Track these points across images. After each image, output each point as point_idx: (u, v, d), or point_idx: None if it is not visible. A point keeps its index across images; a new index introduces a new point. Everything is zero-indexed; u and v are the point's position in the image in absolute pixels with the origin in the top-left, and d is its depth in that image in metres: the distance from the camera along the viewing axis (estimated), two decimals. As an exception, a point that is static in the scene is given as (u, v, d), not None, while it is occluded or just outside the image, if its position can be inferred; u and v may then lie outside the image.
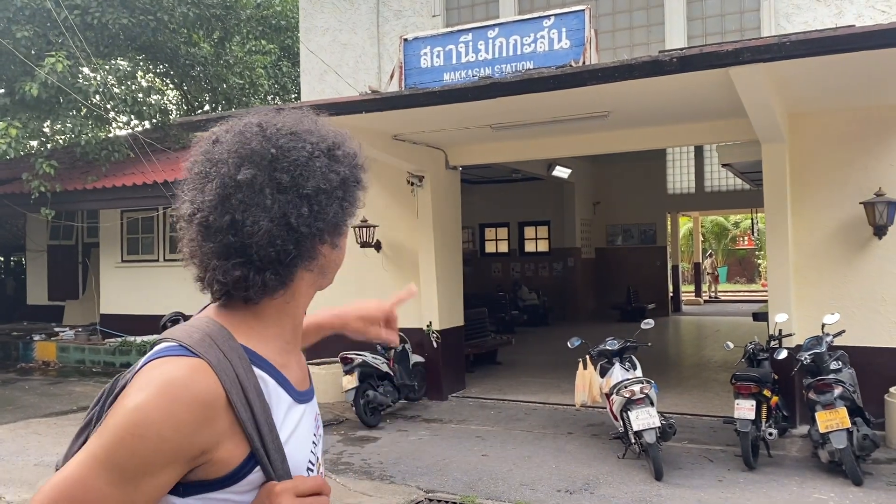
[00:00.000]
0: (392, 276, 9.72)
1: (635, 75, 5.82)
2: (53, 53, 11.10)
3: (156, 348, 1.13)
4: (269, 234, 1.12)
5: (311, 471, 1.22)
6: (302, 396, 1.24)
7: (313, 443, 1.25)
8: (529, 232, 18.70)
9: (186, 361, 1.08)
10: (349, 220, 1.25)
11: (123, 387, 1.11)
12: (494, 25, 7.47)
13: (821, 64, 5.74)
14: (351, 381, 8.03)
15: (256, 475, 1.12)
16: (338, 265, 1.29)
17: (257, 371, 1.15)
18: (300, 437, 1.20)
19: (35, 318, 15.65)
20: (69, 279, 15.74)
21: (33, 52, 11.81)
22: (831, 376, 6.04)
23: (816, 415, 5.86)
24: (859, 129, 7.42)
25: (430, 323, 9.20)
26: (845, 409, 5.78)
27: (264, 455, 1.11)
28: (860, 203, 7.25)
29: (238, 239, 1.12)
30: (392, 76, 8.07)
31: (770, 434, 6.37)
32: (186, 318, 1.27)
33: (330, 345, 9.46)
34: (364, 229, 9.48)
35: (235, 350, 1.13)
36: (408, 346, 8.86)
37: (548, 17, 7.16)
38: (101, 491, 1.04)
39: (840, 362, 6.30)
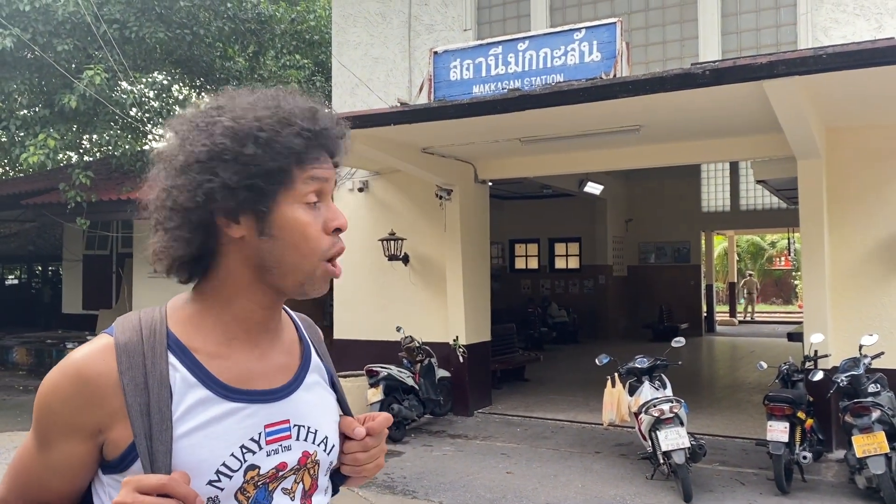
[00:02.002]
0: (419, 290, 9.69)
1: (667, 88, 5.74)
2: (92, 66, 11.32)
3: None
4: (165, 209, 1.12)
5: (228, 477, 1.10)
6: (238, 394, 1.14)
7: (245, 448, 1.12)
8: (560, 248, 18.55)
9: (98, 341, 1.12)
10: (254, 198, 1.09)
11: None
12: (524, 38, 7.44)
13: (858, 77, 5.59)
14: (376, 395, 7.98)
15: (138, 465, 1.07)
16: (283, 260, 1.13)
17: (171, 358, 1.11)
18: (212, 434, 1.10)
19: (69, 327, 15.90)
20: (103, 288, 15.97)
21: (73, 65, 12.06)
22: (869, 399, 5.84)
23: (853, 439, 5.66)
24: (899, 145, 7.23)
25: (457, 337, 9.13)
26: (884, 433, 5.58)
27: (145, 444, 1.06)
28: (900, 221, 7.04)
29: (150, 213, 1.15)
30: (421, 89, 8.07)
31: (804, 458, 6.16)
32: None
33: (356, 357, 9.43)
34: (392, 242, 9.46)
35: (157, 334, 1.13)
36: (434, 360, 8.79)
37: (578, 29, 7.10)
38: (31, 453, 1.15)
39: (878, 385, 6.09)
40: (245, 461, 1.12)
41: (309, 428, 1.20)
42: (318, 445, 1.21)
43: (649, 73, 6.12)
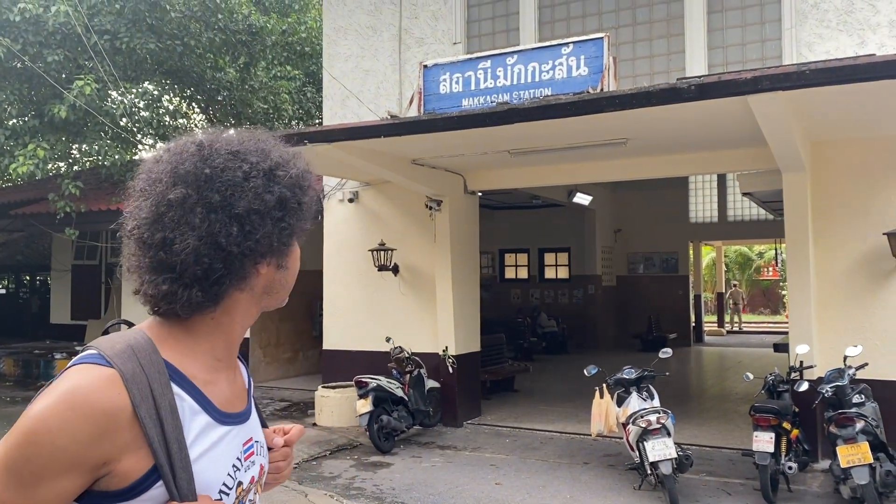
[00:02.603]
0: (409, 300, 9.72)
1: (653, 102, 5.81)
2: (82, 77, 11.33)
3: (78, 356, 1.14)
4: (195, 252, 1.14)
5: (227, 494, 1.18)
6: (227, 418, 1.22)
7: (234, 466, 1.21)
8: (549, 258, 18.63)
9: (98, 371, 1.09)
10: (291, 241, 1.25)
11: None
12: (513, 52, 7.51)
13: (841, 93, 5.69)
14: (365, 406, 7.99)
15: (158, 491, 1.10)
16: (286, 286, 1.30)
17: (175, 388, 1.14)
18: (215, 457, 1.17)
19: (58, 337, 15.83)
20: (92, 299, 15.92)
21: (63, 75, 12.06)
22: (853, 410, 5.90)
23: (838, 449, 5.72)
24: (881, 158, 7.34)
25: (447, 348, 9.15)
26: (868, 444, 5.64)
27: (169, 472, 1.10)
28: (883, 234, 7.14)
29: (168, 256, 1.14)
30: (411, 101, 8.13)
31: (790, 468, 6.22)
32: (132, 325, 1.26)
33: (345, 368, 9.43)
34: (382, 252, 9.50)
35: (156, 364, 1.13)
36: (423, 371, 8.81)
37: (566, 44, 7.18)
38: (1, 495, 1.05)
39: (863, 396, 6.16)
40: (235, 478, 1.22)
41: (260, 442, 1.33)
42: (264, 457, 1.35)
43: (636, 88, 6.20)
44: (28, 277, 20.59)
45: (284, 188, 1.21)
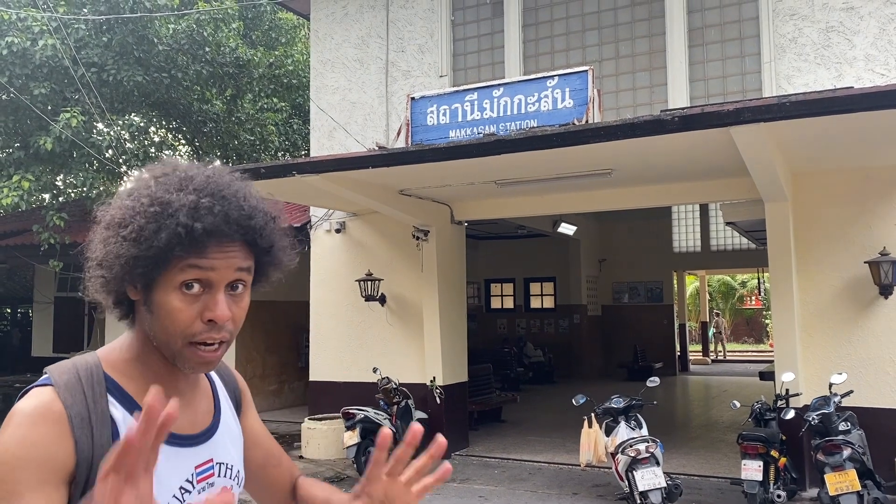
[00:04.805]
0: (396, 330, 9.70)
1: (637, 133, 5.91)
2: (69, 109, 11.34)
3: (37, 381, 1.20)
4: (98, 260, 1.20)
5: None
6: (179, 440, 1.23)
7: (182, 489, 1.21)
8: (535, 288, 18.68)
9: (40, 389, 1.15)
10: (139, 274, 1.16)
11: None
12: (499, 85, 7.63)
13: (821, 124, 5.82)
14: (352, 438, 7.94)
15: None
16: (156, 334, 1.20)
17: (111, 399, 1.18)
18: (155, 478, 1.13)
19: (39, 370, 15.48)
20: (75, 331, 15.73)
21: (49, 107, 12.07)
22: (840, 437, 5.94)
23: (826, 477, 5.75)
24: (862, 188, 7.47)
25: (434, 378, 9.13)
26: (855, 471, 5.67)
27: (86, 474, 1.11)
28: (865, 262, 7.24)
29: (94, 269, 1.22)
30: (399, 133, 8.21)
31: (778, 496, 6.24)
32: None
33: (332, 400, 9.35)
34: (369, 283, 9.50)
35: (95, 376, 1.18)
36: (411, 401, 8.76)
37: (551, 77, 7.31)
38: None
39: (849, 423, 6.20)
40: (184, 501, 1.21)
41: (226, 464, 1.32)
42: (233, 480, 1.33)
43: (620, 120, 6.31)
44: (9, 310, 20.33)
45: (120, 211, 1.22)
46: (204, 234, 1.15)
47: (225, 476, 1.31)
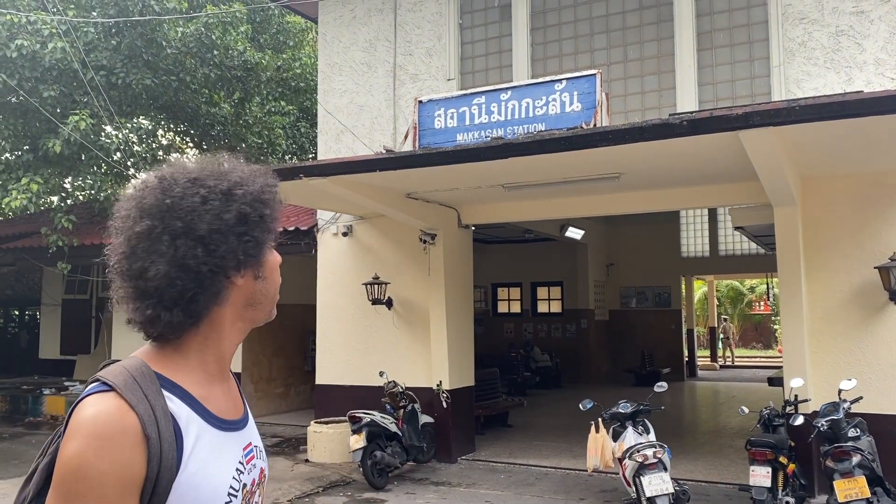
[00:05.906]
0: (403, 334, 9.69)
1: (646, 137, 5.89)
2: (77, 112, 11.39)
3: (85, 389, 1.21)
4: (167, 277, 1.22)
5: (235, 497, 1.26)
6: (226, 424, 1.31)
7: (238, 470, 1.29)
8: (542, 292, 18.64)
9: (101, 396, 1.17)
10: (260, 251, 1.32)
11: (62, 435, 1.18)
12: (507, 88, 7.61)
13: (830, 128, 5.78)
14: (358, 441, 7.92)
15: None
16: (268, 296, 1.37)
17: (171, 397, 1.22)
18: (217, 462, 1.25)
19: (46, 372, 15.64)
20: (82, 333, 15.78)
21: (58, 110, 12.12)
22: (849, 444, 5.89)
23: (835, 483, 5.70)
24: (871, 193, 7.43)
25: (441, 382, 9.11)
26: (864, 478, 5.63)
27: (156, 470, 1.15)
28: (875, 267, 7.19)
29: (146, 283, 1.23)
30: (406, 136, 8.20)
31: (787, 503, 6.18)
32: None
33: (338, 403, 9.37)
34: (376, 286, 9.49)
35: (148, 376, 1.21)
36: (417, 405, 8.75)
37: (559, 80, 7.29)
38: None
39: (858, 429, 6.15)
40: (241, 481, 1.30)
41: (259, 447, 1.42)
42: (264, 461, 1.44)
43: (629, 123, 6.28)
44: (17, 312, 20.41)
45: (244, 205, 1.29)
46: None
47: (260, 458, 1.41)
